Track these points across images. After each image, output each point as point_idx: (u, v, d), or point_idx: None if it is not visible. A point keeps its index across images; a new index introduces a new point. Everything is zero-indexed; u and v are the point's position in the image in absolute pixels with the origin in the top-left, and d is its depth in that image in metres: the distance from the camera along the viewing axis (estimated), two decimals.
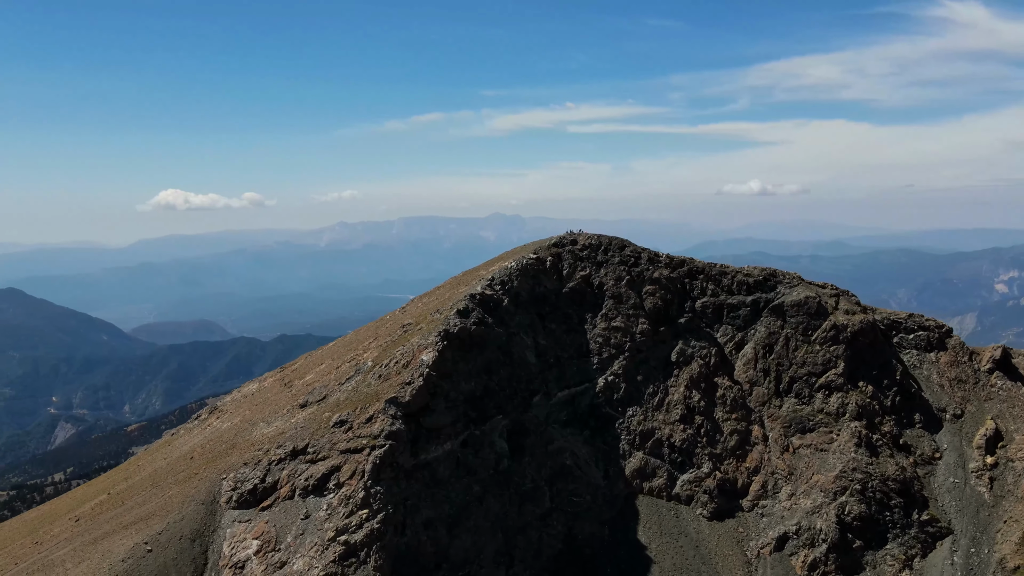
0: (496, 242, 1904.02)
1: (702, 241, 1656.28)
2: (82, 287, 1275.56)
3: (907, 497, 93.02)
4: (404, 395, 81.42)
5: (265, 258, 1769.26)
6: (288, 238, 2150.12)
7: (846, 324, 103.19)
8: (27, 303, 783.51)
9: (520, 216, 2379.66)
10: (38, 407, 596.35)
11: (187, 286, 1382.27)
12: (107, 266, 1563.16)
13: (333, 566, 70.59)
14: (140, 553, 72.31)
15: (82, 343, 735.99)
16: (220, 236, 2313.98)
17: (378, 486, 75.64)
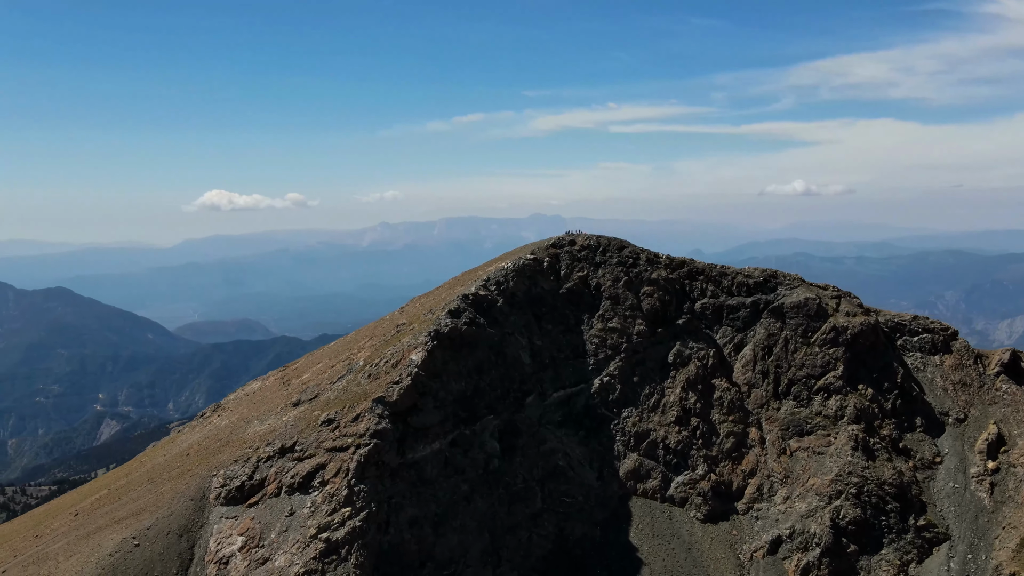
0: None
1: (744, 242, 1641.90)
2: (129, 286, 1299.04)
3: (903, 502, 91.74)
4: (392, 394, 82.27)
5: (307, 258, 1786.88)
6: (330, 238, 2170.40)
7: (846, 326, 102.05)
8: (76, 302, 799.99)
9: (561, 217, 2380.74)
10: (85, 404, 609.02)
11: (231, 286, 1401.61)
12: (153, 266, 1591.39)
13: (313, 563, 71.56)
14: (127, 547, 73.92)
15: (128, 341, 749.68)
16: (263, 236, 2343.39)
17: (362, 484, 76.48)
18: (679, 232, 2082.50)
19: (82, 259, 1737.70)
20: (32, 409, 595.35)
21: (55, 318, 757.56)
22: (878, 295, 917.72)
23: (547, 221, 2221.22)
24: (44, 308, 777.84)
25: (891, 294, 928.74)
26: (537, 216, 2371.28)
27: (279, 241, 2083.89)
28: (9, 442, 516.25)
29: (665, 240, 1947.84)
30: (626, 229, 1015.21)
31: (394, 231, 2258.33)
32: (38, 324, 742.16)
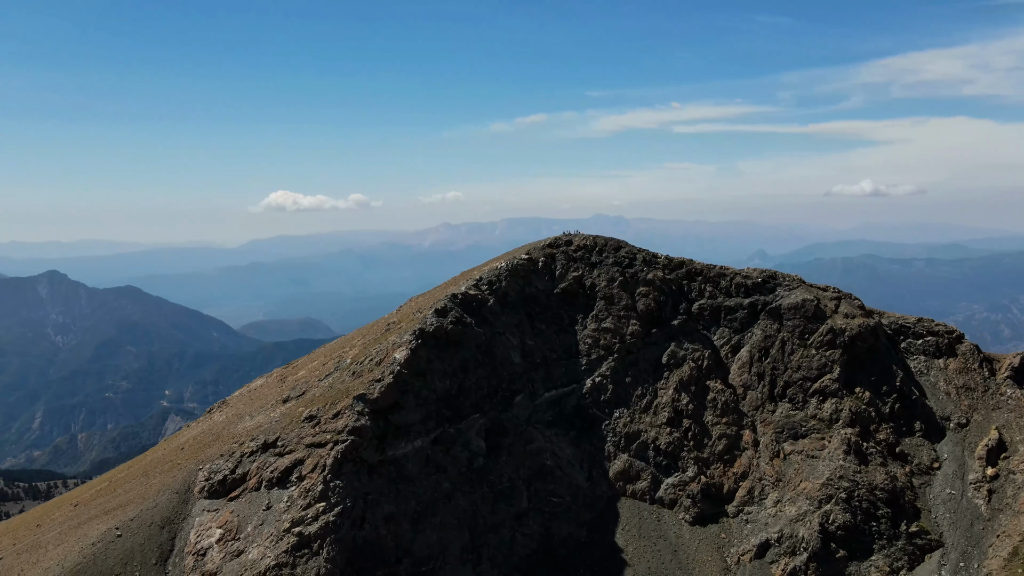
0: None
1: (810, 243, 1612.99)
2: (196, 285, 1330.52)
3: (895, 507, 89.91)
4: (373, 392, 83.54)
5: (370, 258, 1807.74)
6: (392, 239, 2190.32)
7: (844, 328, 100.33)
8: (144, 300, 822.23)
9: (623, 217, 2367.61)
10: (152, 400, 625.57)
11: (295, 285, 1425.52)
12: (220, 265, 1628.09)
13: (284, 556, 73.10)
14: (110, 538, 76.43)
15: (194, 339, 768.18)
16: (327, 236, 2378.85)
17: (338, 480, 77.85)
18: (743, 234, 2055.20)
19: (152, 259, 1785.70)
20: (102, 404, 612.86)
21: (125, 316, 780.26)
22: (949, 298, 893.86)
23: (609, 222, 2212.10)
24: (115, 306, 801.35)
25: (963, 297, 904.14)
26: (599, 217, 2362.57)
27: (342, 241, 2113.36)
28: (79, 436, 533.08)
29: (728, 242, 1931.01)
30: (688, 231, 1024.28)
31: (456, 232, 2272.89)
32: (108, 322, 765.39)
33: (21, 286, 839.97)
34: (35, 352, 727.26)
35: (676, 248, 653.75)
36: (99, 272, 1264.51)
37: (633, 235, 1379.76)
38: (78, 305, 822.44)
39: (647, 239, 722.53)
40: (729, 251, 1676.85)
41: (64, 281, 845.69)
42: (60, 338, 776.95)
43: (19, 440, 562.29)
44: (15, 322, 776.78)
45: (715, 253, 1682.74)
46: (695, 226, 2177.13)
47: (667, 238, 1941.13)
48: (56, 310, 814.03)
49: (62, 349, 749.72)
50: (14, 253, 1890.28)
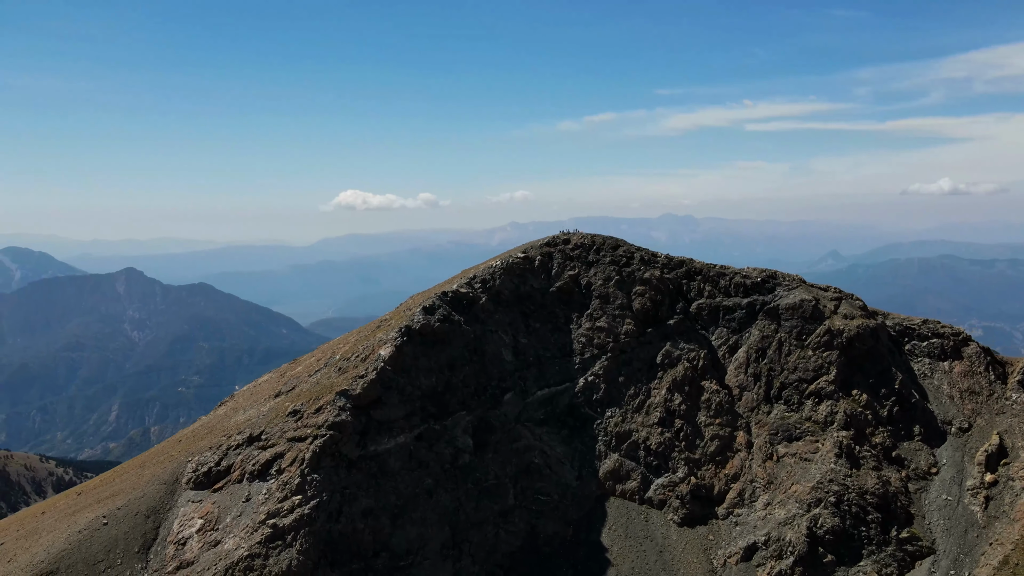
0: (667, 243, 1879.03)
1: (885, 243, 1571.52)
2: (267, 283, 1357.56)
3: (886, 512, 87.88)
4: (355, 388, 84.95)
5: (438, 257, 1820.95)
6: (460, 238, 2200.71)
7: (842, 329, 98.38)
8: (216, 297, 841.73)
9: (693, 217, 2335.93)
10: (222, 394, 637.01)
11: (364, 283, 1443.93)
12: (291, 263, 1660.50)
13: (258, 547, 74.91)
14: (96, 525, 79.20)
15: (264, 336, 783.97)
16: (396, 235, 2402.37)
17: (315, 474, 79.43)
18: (815, 234, 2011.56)
19: (226, 257, 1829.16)
20: (175, 398, 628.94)
21: (197, 312, 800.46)
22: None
23: (678, 221, 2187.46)
24: (188, 303, 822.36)
25: None
26: (668, 216, 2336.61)
27: (411, 240, 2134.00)
28: (152, 429, 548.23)
29: (799, 242, 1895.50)
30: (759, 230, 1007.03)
31: (523, 231, 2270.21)
32: (182, 318, 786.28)
33: (100, 283, 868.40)
34: (112, 347, 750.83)
35: (746, 248, 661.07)
36: (174, 269, 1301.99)
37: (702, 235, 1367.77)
38: (153, 302, 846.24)
39: (716, 239, 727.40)
40: (800, 251, 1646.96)
41: (140, 278, 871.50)
42: (136, 333, 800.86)
43: (96, 432, 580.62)
44: (94, 318, 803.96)
45: (786, 253, 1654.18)
46: (766, 225, 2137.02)
47: (737, 238, 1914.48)
48: (133, 306, 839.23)
49: (138, 344, 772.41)
50: (95, 251, 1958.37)
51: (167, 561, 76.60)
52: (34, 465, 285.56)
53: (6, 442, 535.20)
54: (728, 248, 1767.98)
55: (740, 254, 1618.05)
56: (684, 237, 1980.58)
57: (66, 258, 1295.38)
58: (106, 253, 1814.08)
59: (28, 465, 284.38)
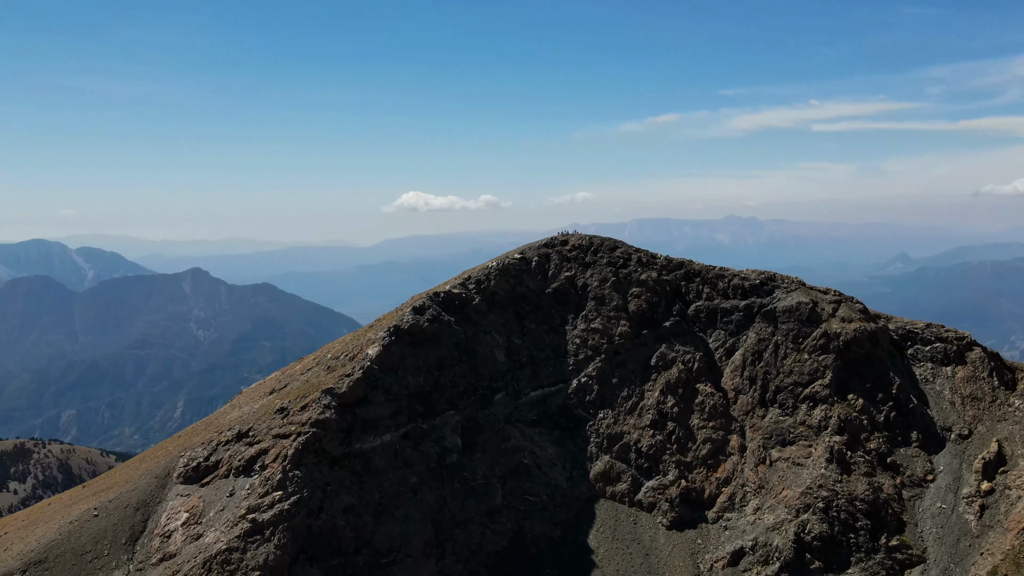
0: (730, 245, 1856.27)
1: (957, 246, 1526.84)
2: (330, 283, 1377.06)
3: (876, 519, 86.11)
4: (341, 386, 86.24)
5: None
6: (522, 239, 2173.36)
7: (839, 332, 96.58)
8: (279, 297, 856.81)
9: (756, 219, 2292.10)
10: None
11: (425, 284, 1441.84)
12: (354, 264, 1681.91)
13: (236, 541, 76.40)
14: (87, 517, 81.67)
15: (324, 335, 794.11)
16: (458, 237, 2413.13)
17: (297, 470, 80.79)
18: (883, 236, 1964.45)
19: (290, 257, 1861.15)
20: None
21: (261, 312, 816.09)
22: None
23: (741, 223, 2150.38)
24: (252, 303, 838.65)
25: None
26: (731, 218, 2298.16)
27: (473, 241, 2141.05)
28: None
29: (867, 244, 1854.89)
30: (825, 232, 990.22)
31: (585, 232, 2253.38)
32: (245, 317, 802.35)
33: (167, 283, 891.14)
34: (178, 345, 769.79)
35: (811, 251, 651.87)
36: (240, 270, 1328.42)
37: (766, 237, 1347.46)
38: (218, 301, 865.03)
39: (780, 241, 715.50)
40: (868, 254, 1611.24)
41: (206, 278, 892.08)
42: (201, 332, 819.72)
43: (162, 428, 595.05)
44: (162, 316, 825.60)
45: (852, 256, 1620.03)
46: (832, 228, 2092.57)
47: (802, 240, 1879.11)
48: (198, 306, 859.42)
49: (203, 343, 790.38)
50: (165, 251, 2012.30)
51: (152, 553, 78.60)
52: (95, 459, 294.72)
53: (77, 437, 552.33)
54: (792, 251, 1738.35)
55: (804, 257, 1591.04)
56: (747, 239, 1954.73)
57: (136, 258, 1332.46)
58: (175, 253, 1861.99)
59: (89, 459, 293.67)
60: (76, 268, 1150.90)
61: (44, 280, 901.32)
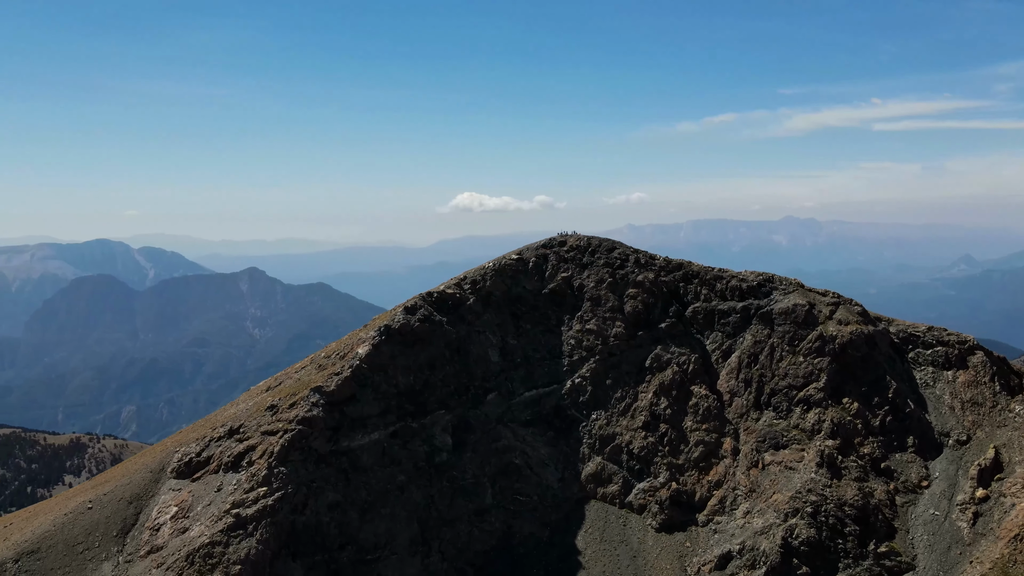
0: (788, 246, 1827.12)
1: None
2: (384, 283, 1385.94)
3: (865, 525, 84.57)
4: (329, 385, 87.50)
5: None
6: None
7: (834, 335, 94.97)
8: (333, 296, 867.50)
9: (815, 220, 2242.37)
10: None
11: None
12: (408, 264, 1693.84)
13: (220, 535, 78.04)
14: (82, 509, 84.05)
15: None
16: (512, 237, 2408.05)
17: (282, 467, 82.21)
18: (947, 237, 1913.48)
19: (346, 257, 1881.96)
20: None
21: (315, 311, 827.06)
22: None
23: (800, 224, 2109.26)
24: (306, 302, 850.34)
25: None
26: (789, 219, 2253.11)
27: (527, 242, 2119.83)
28: None
29: (930, 245, 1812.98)
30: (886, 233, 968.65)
31: (639, 233, 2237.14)
32: (300, 316, 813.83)
33: (225, 282, 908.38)
34: (235, 343, 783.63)
35: (872, 252, 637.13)
36: (296, 269, 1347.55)
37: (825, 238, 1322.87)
38: (274, 300, 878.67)
39: (840, 242, 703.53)
40: (930, 256, 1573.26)
41: (262, 278, 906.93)
42: (257, 331, 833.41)
43: None
44: (219, 315, 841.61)
45: (915, 258, 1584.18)
46: (893, 229, 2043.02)
47: (862, 242, 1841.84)
48: (255, 304, 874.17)
49: (259, 341, 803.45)
50: (224, 251, 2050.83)
51: (141, 546, 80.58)
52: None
53: (136, 432, 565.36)
54: (851, 252, 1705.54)
55: (864, 259, 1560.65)
56: (806, 240, 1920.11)
57: (196, 257, 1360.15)
58: (233, 253, 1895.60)
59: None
60: (138, 267, 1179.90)
61: (107, 279, 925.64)
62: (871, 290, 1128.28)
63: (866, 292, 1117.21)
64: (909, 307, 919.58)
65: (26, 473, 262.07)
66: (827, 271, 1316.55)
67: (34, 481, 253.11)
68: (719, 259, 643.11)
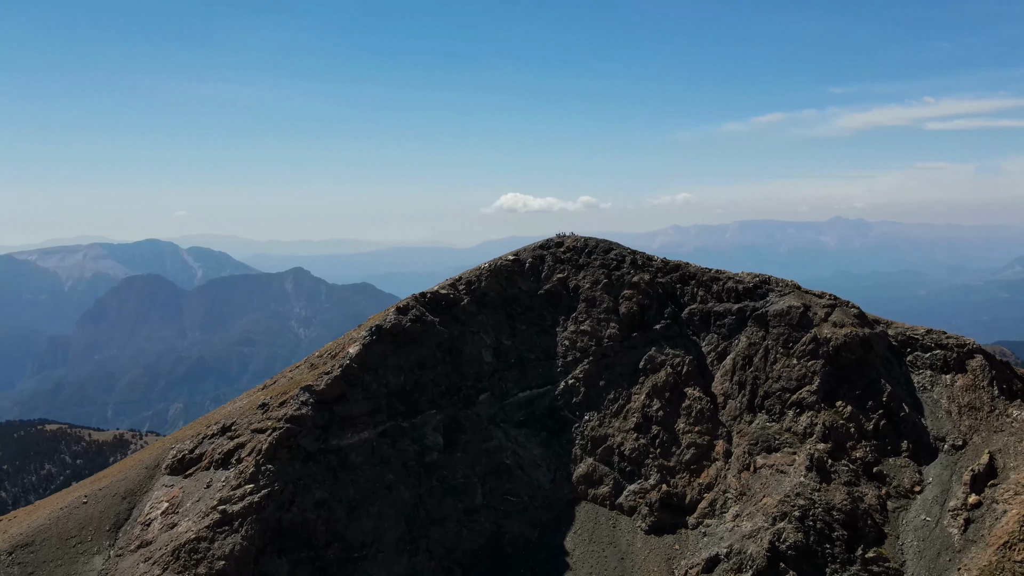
0: (836, 247, 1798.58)
1: None
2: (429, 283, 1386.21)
3: (853, 530, 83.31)
4: (319, 384, 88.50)
5: None
6: (620, 240, 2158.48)
7: (829, 337, 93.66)
8: (377, 296, 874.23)
9: (864, 220, 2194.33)
10: None
11: None
12: (452, 265, 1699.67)
13: (206, 531, 79.37)
14: (77, 503, 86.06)
15: None
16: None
17: (270, 464, 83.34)
18: (1002, 238, 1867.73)
19: (390, 257, 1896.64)
20: None
21: (359, 311, 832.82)
22: None
23: (848, 225, 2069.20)
24: (350, 302, 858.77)
25: None
26: (837, 220, 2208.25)
27: None
28: None
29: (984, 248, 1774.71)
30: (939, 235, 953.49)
31: (684, 234, 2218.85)
32: (344, 316, 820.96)
33: (271, 282, 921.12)
34: (280, 343, 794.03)
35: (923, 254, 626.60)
36: (341, 269, 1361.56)
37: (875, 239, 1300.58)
38: (318, 300, 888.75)
39: (890, 243, 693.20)
40: (985, 257, 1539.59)
41: (307, 278, 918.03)
42: (302, 330, 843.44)
43: None
44: (265, 315, 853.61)
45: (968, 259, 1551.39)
46: (946, 230, 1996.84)
47: (913, 243, 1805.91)
48: (300, 304, 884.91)
49: (303, 340, 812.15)
50: (270, 251, 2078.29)
51: (131, 540, 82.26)
52: None
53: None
54: (902, 253, 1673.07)
55: (916, 260, 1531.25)
56: (854, 242, 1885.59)
57: (243, 257, 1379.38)
58: (280, 253, 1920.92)
59: None
60: (186, 267, 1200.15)
61: (156, 279, 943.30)
62: (922, 292, 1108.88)
63: (916, 294, 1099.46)
64: (961, 309, 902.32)
65: (71, 469, 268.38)
66: (877, 273, 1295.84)
67: (78, 476, 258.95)
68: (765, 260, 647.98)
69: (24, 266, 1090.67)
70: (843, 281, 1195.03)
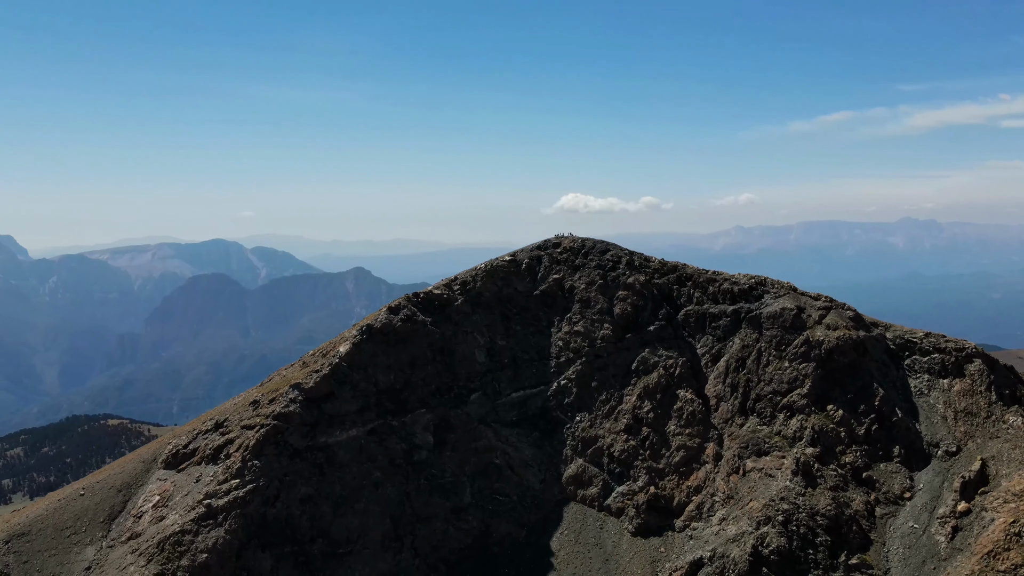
0: (905, 248, 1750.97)
1: None
2: None
3: (837, 536, 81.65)
4: (308, 382, 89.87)
5: None
6: (683, 241, 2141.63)
7: (821, 340, 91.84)
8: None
9: (935, 221, 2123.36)
10: None
11: None
12: None
13: (190, 524, 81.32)
14: (74, 495, 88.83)
15: None
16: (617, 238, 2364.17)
17: (256, 460, 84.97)
18: None
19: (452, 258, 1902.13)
20: None
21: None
22: None
23: (918, 226, 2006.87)
24: None
25: None
26: (907, 220, 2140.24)
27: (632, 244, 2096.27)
28: None
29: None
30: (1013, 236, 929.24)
31: (748, 235, 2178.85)
32: None
33: (332, 281, 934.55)
34: None
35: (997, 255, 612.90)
36: (403, 269, 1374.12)
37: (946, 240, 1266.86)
38: (379, 299, 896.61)
39: (962, 245, 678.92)
40: None
41: (368, 277, 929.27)
42: None
43: None
44: (326, 313, 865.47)
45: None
46: (1021, 231, 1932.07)
47: (987, 244, 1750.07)
48: (360, 303, 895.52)
49: None
50: (334, 251, 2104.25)
51: (123, 532, 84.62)
52: None
53: None
54: (975, 255, 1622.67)
55: (989, 261, 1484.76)
56: (924, 243, 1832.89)
57: (306, 257, 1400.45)
58: (343, 253, 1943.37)
59: None
60: (251, 266, 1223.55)
61: (221, 278, 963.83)
62: (995, 295, 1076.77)
63: (989, 296, 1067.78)
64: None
65: None
66: (947, 275, 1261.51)
67: None
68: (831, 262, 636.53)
69: (96, 265, 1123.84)
70: (911, 283, 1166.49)
